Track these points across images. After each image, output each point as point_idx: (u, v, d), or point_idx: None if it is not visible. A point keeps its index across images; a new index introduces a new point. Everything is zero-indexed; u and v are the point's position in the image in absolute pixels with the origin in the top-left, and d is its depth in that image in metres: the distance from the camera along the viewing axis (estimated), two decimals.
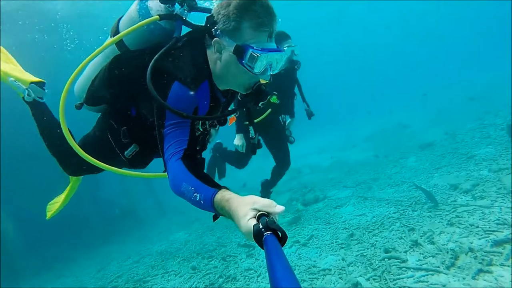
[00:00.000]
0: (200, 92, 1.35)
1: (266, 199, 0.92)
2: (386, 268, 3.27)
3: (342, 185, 6.95)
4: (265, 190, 5.57)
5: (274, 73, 1.38)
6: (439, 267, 2.99)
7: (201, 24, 1.42)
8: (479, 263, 2.83)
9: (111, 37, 1.63)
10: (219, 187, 1.07)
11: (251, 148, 2.06)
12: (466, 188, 4.41)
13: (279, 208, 0.90)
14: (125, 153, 1.71)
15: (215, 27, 1.31)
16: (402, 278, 3.05)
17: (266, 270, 4.16)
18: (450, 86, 17.75)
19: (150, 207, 11.66)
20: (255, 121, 3.62)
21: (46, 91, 2.11)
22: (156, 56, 1.33)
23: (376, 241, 3.95)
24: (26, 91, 2.01)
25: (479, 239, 3.20)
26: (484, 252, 2.96)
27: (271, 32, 1.29)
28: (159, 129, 1.30)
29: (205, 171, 1.45)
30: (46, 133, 2.07)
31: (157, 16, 1.44)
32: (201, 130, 1.61)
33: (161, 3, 1.47)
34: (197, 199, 1.07)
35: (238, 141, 4.45)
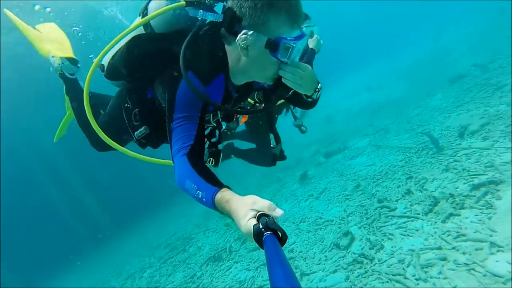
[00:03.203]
0: (213, 85, 1.34)
1: (265, 200, 0.90)
2: (376, 217, 3.67)
3: (363, 134, 7.07)
4: (225, 152, 3.97)
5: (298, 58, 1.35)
6: (419, 214, 3.31)
7: (220, 17, 1.34)
8: (453, 207, 3.08)
9: (140, 17, 1.63)
10: (220, 186, 1.07)
11: (271, 158, 1.91)
12: (474, 129, 4.34)
13: (279, 212, 0.87)
14: (135, 133, 1.71)
15: (240, 23, 1.24)
16: (387, 226, 3.44)
17: (290, 221, 4.82)
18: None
19: None
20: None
21: (79, 67, 2.30)
22: (185, 43, 1.34)
23: (377, 191, 4.28)
24: (60, 66, 2.23)
25: (464, 183, 3.36)
26: (463, 196, 3.17)
27: (298, 20, 1.27)
28: (168, 122, 1.31)
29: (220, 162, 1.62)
30: (77, 108, 2.25)
31: (184, 2, 1.43)
32: (214, 124, 1.61)
33: None
34: (199, 196, 1.09)
35: None
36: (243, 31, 1.23)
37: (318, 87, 1.46)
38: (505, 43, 7.64)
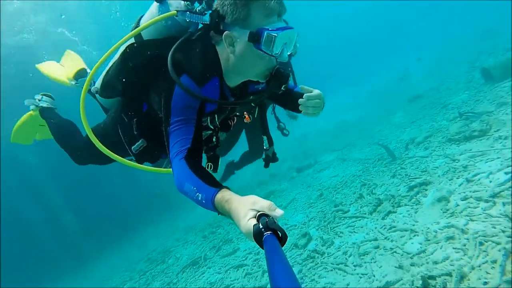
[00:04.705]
0: (208, 88, 1.34)
1: (266, 200, 0.90)
2: (331, 220, 4.11)
3: (332, 149, 7.63)
4: (229, 171, 4.56)
5: (289, 53, 1.35)
6: (365, 214, 3.77)
7: (207, 19, 1.38)
8: (392, 206, 3.56)
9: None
10: (220, 187, 1.07)
11: (265, 160, 1.93)
12: (419, 141, 4.94)
13: (279, 212, 0.87)
14: (132, 148, 1.70)
15: (224, 21, 1.28)
16: (339, 226, 3.88)
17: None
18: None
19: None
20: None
21: (53, 98, 2.44)
22: (174, 46, 1.35)
23: (337, 198, 4.75)
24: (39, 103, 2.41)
25: (404, 186, 3.86)
26: (401, 197, 3.66)
27: (280, 11, 1.28)
28: (165, 127, 1.30)
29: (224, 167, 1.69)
30: (55, 132, 2.34)
31: (175, 12, 1.46)
32: (212, 127, 1.60)
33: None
34: (199, 198, 1.08)
35: None
36: (227, 29, 1.28)
37: None
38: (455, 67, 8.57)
